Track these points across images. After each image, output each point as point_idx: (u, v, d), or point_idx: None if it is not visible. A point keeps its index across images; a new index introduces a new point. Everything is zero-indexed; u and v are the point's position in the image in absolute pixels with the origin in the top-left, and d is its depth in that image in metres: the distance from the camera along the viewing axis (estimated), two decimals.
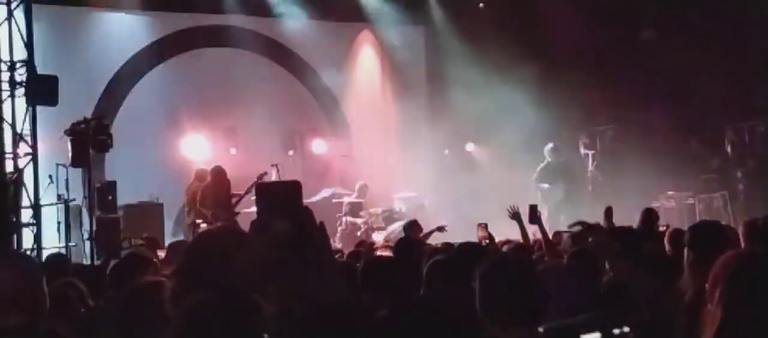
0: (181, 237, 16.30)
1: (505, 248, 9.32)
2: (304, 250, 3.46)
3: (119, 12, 18.92)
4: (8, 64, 14.53)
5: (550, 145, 18.80)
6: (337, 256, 8.18)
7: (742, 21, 17.18)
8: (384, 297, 5.08)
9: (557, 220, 16.86)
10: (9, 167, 14.35)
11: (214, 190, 17.03)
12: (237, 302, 3.40)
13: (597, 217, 16.27)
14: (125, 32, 18.46)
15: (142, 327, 4.47)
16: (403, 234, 13.22)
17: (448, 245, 9.21)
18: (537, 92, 19.02)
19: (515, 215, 9.98)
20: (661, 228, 12.64)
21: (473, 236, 11.62)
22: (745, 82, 17.39)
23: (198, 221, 16.68)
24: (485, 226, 10.91)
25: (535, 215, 9.54)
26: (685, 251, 5.56)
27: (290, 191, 3.55)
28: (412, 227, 13.06)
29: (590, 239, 6.81)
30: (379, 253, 9.83)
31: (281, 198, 3.53)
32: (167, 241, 15.41)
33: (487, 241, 10.31)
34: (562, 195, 18.48)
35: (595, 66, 18.91)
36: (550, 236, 9.98)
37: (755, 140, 17.59)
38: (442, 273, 5.91)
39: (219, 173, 17.16)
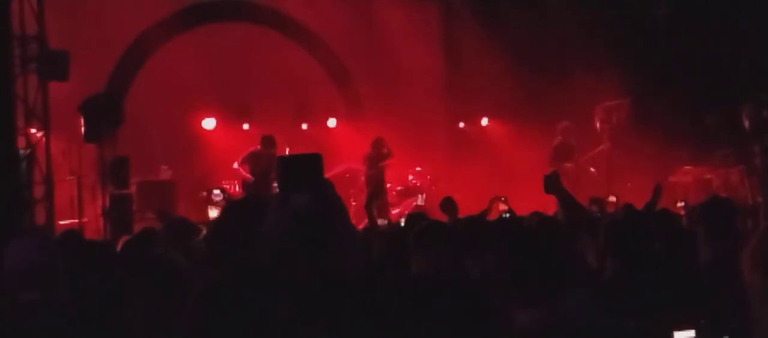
0: None
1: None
2: (326, 224, 3.38)
3: None
4: (20, 39, 14.49)
5: (565, 123, 18.76)
6: None
7: None
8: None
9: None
10: (22, 143, 14.32)
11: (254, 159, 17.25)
12: (254, 278, 3.35)
13: (615, 192, 16.27)
14: (137, 6, 18.34)
15: (158, 304, 4.42)
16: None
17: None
18: (552, 66, 18.93)
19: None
20: (679, 204, 12.58)
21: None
22: (762, 56, 17.25)
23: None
24: (504, 200, 10.87)
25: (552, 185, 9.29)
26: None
27: (311, 163, 3.47)
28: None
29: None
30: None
31: (302, 171, 3.45)
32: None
33: (507, 215, 10.26)
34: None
35: (611, 40, 18.75)
36: None
37: None
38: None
39: (264, 141, 17.36)
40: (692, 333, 2.57)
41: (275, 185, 3.30)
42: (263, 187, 16.84)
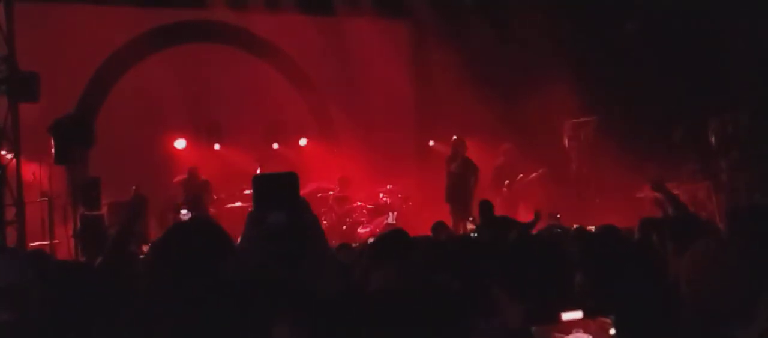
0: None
1: None
2: (301, 242, 3.44)
3: (101, 6, 18.76)
4: None
5: (507, 145, 18.93)
6: None
7: (725, 13, 17.21)
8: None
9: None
10: None
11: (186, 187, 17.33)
12: (228, 295, 3.38)
13: (581, 210, 16.40)
14: (107, 28, 18.32)
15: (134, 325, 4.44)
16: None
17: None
18: (521, 84, 19.04)
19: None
20: None
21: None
22: (728, 73, 17.42)
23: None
24: (472, 220, 10.94)
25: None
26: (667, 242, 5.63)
27: (286, 182, 3.53)
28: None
29: None
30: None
31: (277, 190, 3.51)
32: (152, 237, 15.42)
33: (476, 235, 10.33)
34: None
35: (579, 58, 18.89)
36: None
37: (738, 131, 17.62)
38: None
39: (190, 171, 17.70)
40: (579, 313, 2.67)
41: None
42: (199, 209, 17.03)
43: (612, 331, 2.68)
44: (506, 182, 18.99)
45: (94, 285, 6.14)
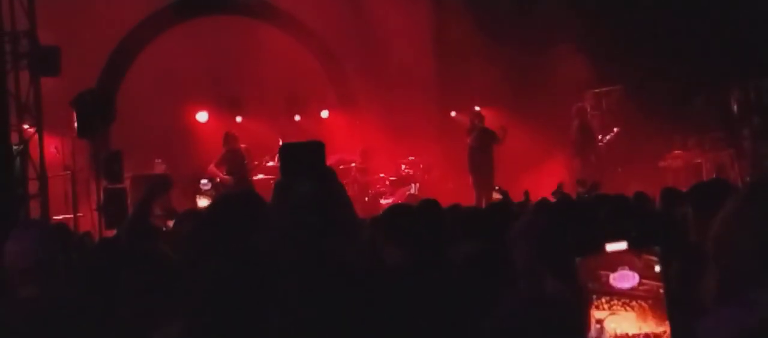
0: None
1: None
2: (328, 211, 3.41)
3: None
4: (11, 35, 14.46)
5: (579, 104, 18.70)
6: None
7: None
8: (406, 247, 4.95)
9: None
10: (15, 139, 14.31)
11: (230, 155, 17.26)
12: (254, 271, 3.37)
13: (603, 178, 16.32)
14: (128, 1, 18.29)
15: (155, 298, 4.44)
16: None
17: None
18: (544, 53, 18.94)
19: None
20: None
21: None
22: (751, 39, 17.29)
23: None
24: (498, 189, 10.90)
25: None
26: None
27: (313, 151, 3.51)
28: None
29: None
30: None
31: (304, 159, 3.49)
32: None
33: None
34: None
35: (598, 27, 18.78)
36: None
37: (761, 98, 17.52)
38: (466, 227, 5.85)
39: (231, 138, 17.37)
40: (624, 244, 2.62)
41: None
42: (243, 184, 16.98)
43: (657, 268, 2.61)
44: (600, 138, 18.78)
45: (117, 261, 6.17)
